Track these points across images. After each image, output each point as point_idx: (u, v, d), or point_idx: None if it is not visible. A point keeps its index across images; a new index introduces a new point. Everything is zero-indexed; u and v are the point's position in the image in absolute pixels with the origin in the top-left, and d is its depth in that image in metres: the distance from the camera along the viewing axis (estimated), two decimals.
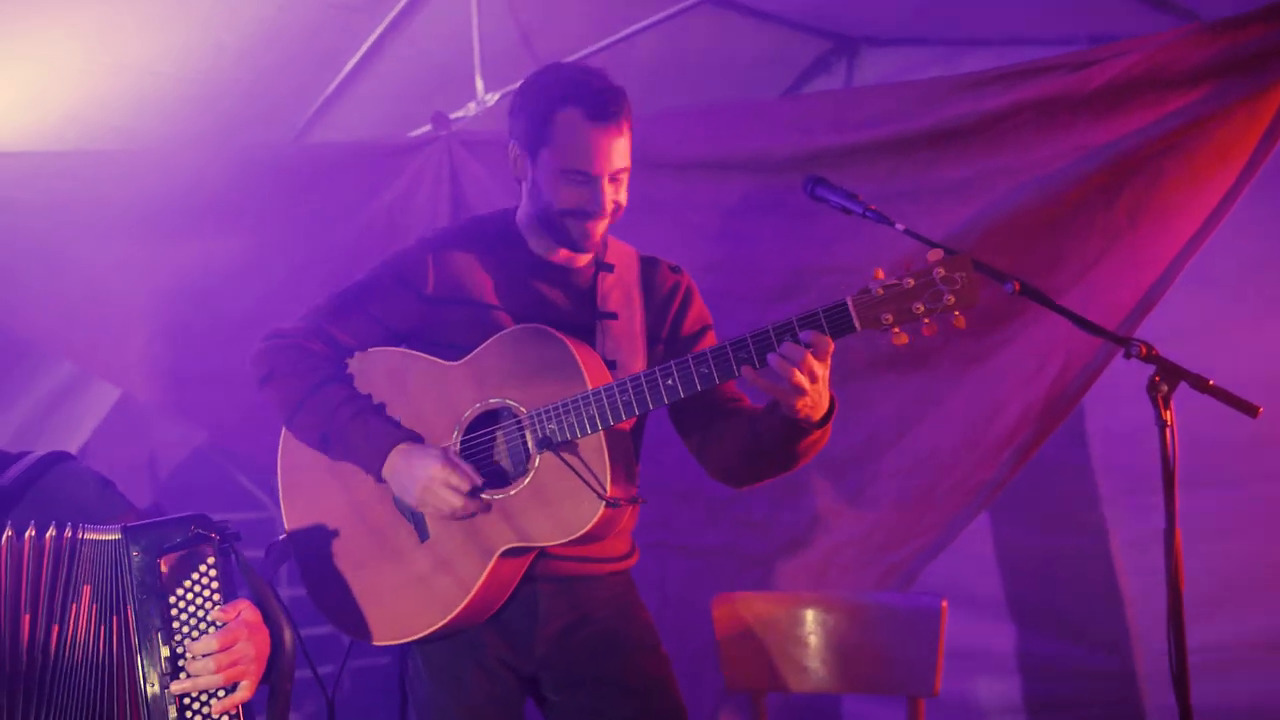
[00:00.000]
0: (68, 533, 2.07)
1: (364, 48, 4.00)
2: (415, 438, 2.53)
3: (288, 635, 2.22)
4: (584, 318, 2.58)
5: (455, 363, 2.55)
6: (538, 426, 2.44)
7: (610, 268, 2.64)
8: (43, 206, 3.62)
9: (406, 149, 3.87)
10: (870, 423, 3.40)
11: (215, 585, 2.13)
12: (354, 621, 2.56)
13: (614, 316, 2.59)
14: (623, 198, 2.55)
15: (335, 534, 2.59)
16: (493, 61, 3.89)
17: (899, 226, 2.58)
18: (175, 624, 2.10)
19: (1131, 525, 4.08)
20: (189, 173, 3.77)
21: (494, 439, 2.52)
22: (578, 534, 2.42)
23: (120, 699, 2.06)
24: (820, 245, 3.38)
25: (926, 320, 2.25)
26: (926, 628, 2.97)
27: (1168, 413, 2.49)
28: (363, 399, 2.58)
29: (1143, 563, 4.02)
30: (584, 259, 2.65)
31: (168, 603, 2.10)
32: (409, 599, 2.51)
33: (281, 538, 2.65)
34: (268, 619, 2.20)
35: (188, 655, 2.09)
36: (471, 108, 3.94)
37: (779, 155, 3.43)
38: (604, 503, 2.39)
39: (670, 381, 2.36)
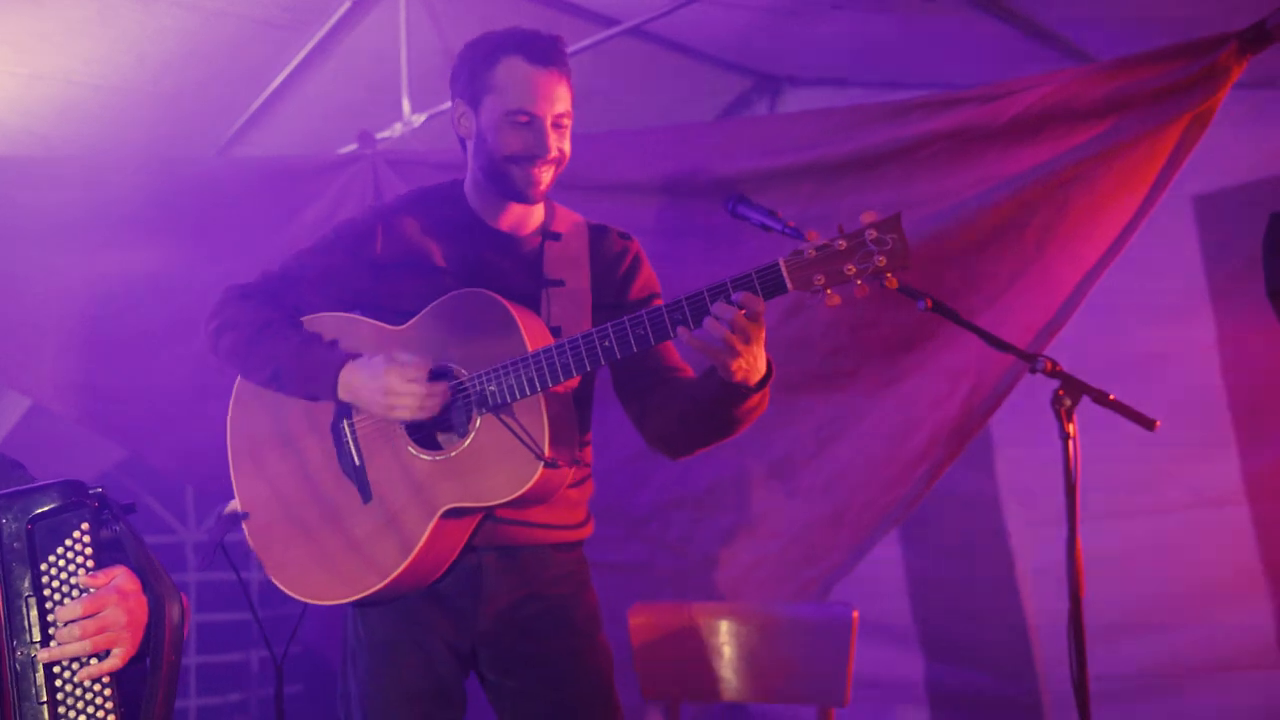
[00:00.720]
0: None
1: (291, 65, 4.00)
2: (357, 357, 2.54)
3: (172, 607, 2.16)
4: (530, 285, 2.60)
5: (400, 327, 2.58)
6: (477, 388, 2.46)
7: (558, 236, 2.66)
8: None
9: (332, 166, 3.87)
10: (786, 441, 3.46)
11: (89, 552, 2.10)
12: (302, 584, 2.56)
13: (560, 284, 2.60)
14: (566, 146, 2.59)
15: (282, 499, 2.60)
16: (420, 83, 3.92)
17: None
18: (46, 590, 2.07)
19: (1038, 555, 4.18)
20: (109, 183, 3.74)
21: None
22: (516, 494, 2.42)
23: (6, 669, 2.05)
24: (743, 265, 3.43)
25: (859, 282, 2.27)
26: (837, 638, 3.01)
27: (1070, 425, 2.59)
28: (308, 333, 2.61)
29: (1048, 592, 4.10)
30: (530, 227, 2.66)
31: (39, 569, 2.07)
32: (353, 560, 2.51)
33: (229, 508, 2.66)
34: (147, 588, 2.15)
35: (57, 623, 2.06)
36: (398, 128, 3.97)
37: (702, 178, 3.50)
38: (542, 463, 2.40)
39: (607, 343, 2.38)
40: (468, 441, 2.47)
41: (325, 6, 3.85)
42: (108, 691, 2.08)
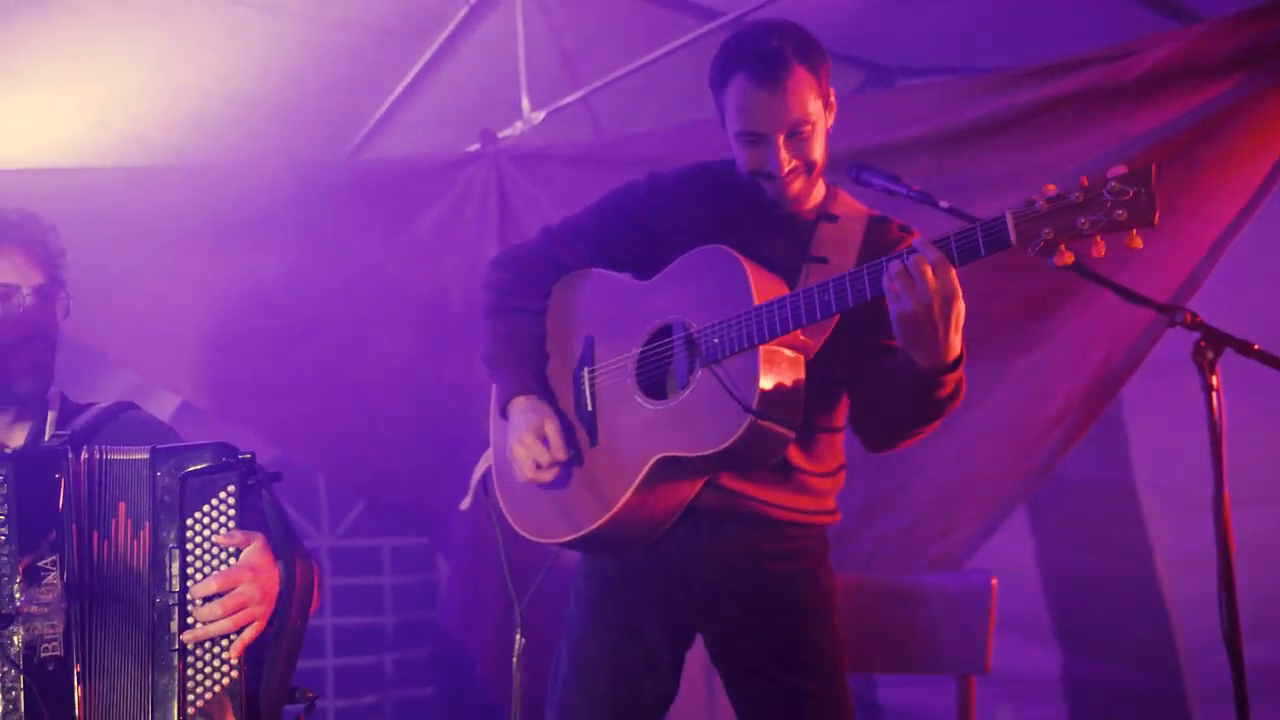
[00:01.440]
0: (97, 454, 2.19)
1: (413, 71, 4.12)
2: (545, 394, 2.64)
3: (303, 575, 2.27)
4: (793, 259, 2.56)
5: (646, 281, 2.63)
6: (700, 341, 2.46)
7: (834, 218, 2.60)
8: (108, 220, 3.70)
9: (455, 164, 3.97)
10: None
11: (231, 513, 2.21)
12: (531, 521, 2.63)
13: (824, 261, 2.54)
14: (813, 152, 2.51)
15: None
16: (538, 81, 4.01)
17: (943, 204, 2.56)
18: (189, 545, 2.18)
19: (1177, 544, 4.06)
20: (243, 187, 3.87)
21: (665, 352, 2.56)
22: (721, 446, 2.38)
23: (146, 611, 2.16)
24: None
25: (1097, 239, 2.08)
26: (976, 605, 2.96)
27: (1213, 377, 2.50)
28: (529, 339, 2.71)
29: (1189, 581, 3.99)
30: (808, 205, 2.62)
31: (185, 524, 2.18)
32: (576, 500, 2.56)
33: (484, 459, 2.76)
34: (280, 556, 2.25)
35: (197, 601, 2.17)
36: (519, 126, 4.05)
37: None
38: (749, 415, 2.36)
39: (826, 296, 2.32)
40: (686, 393, 2.47)
41: (444, 11, 3.95)
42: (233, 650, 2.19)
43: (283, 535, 2.26)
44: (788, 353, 2.43)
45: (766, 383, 2.38)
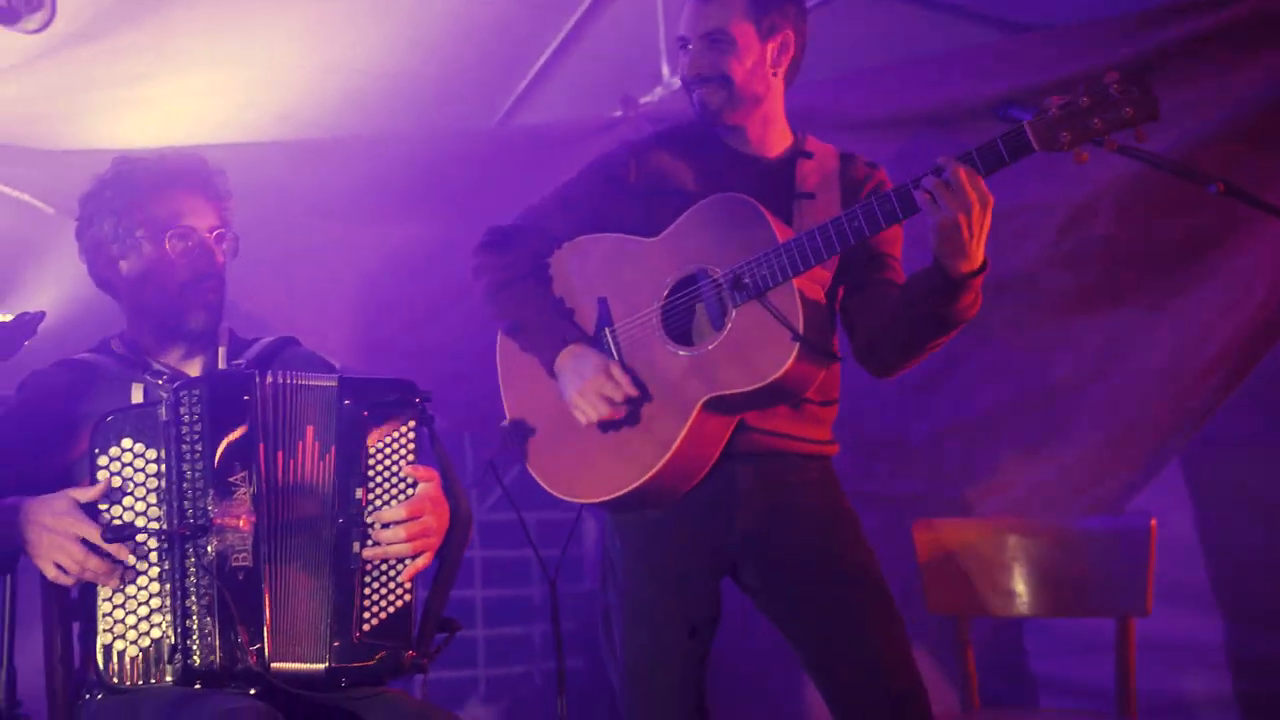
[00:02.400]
0: (284, 379, 2.29)
1: (555, 42, 4.18)
2: (589, 340, 2.66)
3: (466, 513, 2.38)
4: (781, 198, 2.65)
5: (654, 238, 2.68)
6: (732, 279, 2.52)
7: (809, 154, 2.73)
8: (265, 191, 3.81)
9: (597, 129, 4.04)
10: (1068, 361, 3.36)
11: (411, 447, 2.31)
12: (568, 484, 2.66)
13: (811, 196, 2.66)
14: (730, 69, 2.63)
15: (549, 405, 2.69)
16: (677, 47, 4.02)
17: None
18: (370, 471, 2.28)
19: None
20: (388, 158, 3.99)
21: (692, 302, 2.61)
22: (774, 376, 2.46)
23: (329, 530, 2.25)
24: (1013, 186, 3.36)
25: (1108, 137, 2.25)
26: (1135, 547, 2.92)
27: None
28: (551, 298, 2.75)
29: None
30: (780, 149, 2.74)
31: (368, 451, 2.28)
32: (616, 458, 2.59)
33: (506, 423, 2.78)
34: (449, 493, 2.35)
35: (378, 505, 2.27)
36: (658, 91, 4.11)
37: (962, 105, 3.47)
38: (798, 342, 2.43)
39: (856, 223, 2.42)
40: (723, 334, 2.53)
41: None
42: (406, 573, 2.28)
43: (449, 475, 2.36)
44: (815, 285, 2.55)
45: (808, 313, 2.48)
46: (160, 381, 2.32)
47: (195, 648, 2.12)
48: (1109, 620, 3.03)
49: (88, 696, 2.23)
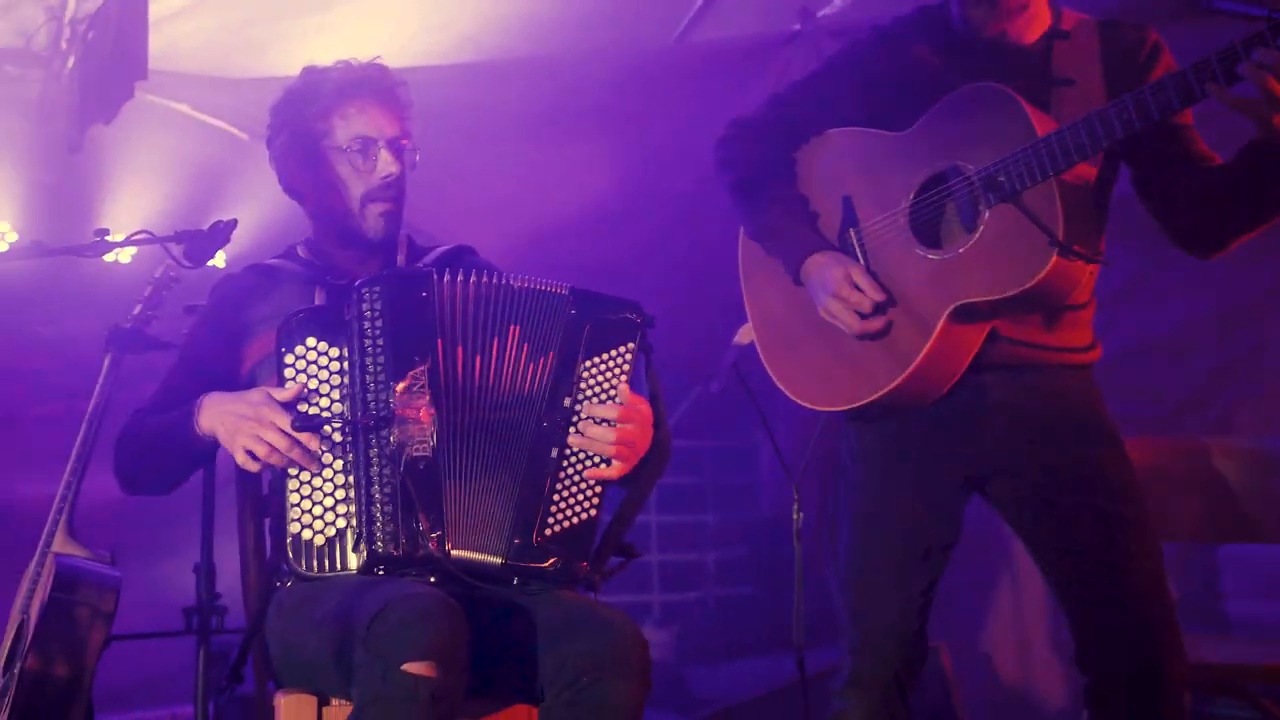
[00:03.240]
0: (494, 279, 2.31)
1: None
2: (834, 249, 2.56)
3: (665, 448, 2.34)
4: (1038, 87, 2.45)
5: (904, 132, 2.54)
6: (985, 178, 2.37)
7: (1066, 35, 2.50)
8: (446, 114, 3.87)
9: (777, 42, 3.97)
10: (1272, 274, 3.17)
11: (626, 368, 2.28)
12: (810, 392, 2.58)
13: (1070, 83, 2.44)
14: None
15: (792, 311, 2.62)
16: None
17: None
18: (582, 384, 2.27)
19: None
20: (570, 81, 4.00)
21: (942, 201, 2.48)
22: (1029, 284, 2.30)
23: (531, 430, 2.27)
24: None
25: None
26: None
27: None
28: (798, 199, 2.65)
29: None
30: (1034, 33, 2.52)
31: (581, 364, 2.27)
32: (860, 365, 2.50)
33: (740, 333, 2.77)
34: (656, 424, 2.32)
35: (584, 416, 2.26)
36: (836, 3, 4.02)
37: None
38: (1056, 247, 2.27)
39: (1126, 114, 2.20)
40: (975, 237, 2.39)
41: None
42: (599, 488, 2.27)
43: (658, 404, 2.35)
44: (1077, 182, 2.33)
45: (1068, 215, 2.28)
46: (341, 283, 2.37)
47: (379, 535, 2.18)
48: None
49: (279, 585, 2.32)
